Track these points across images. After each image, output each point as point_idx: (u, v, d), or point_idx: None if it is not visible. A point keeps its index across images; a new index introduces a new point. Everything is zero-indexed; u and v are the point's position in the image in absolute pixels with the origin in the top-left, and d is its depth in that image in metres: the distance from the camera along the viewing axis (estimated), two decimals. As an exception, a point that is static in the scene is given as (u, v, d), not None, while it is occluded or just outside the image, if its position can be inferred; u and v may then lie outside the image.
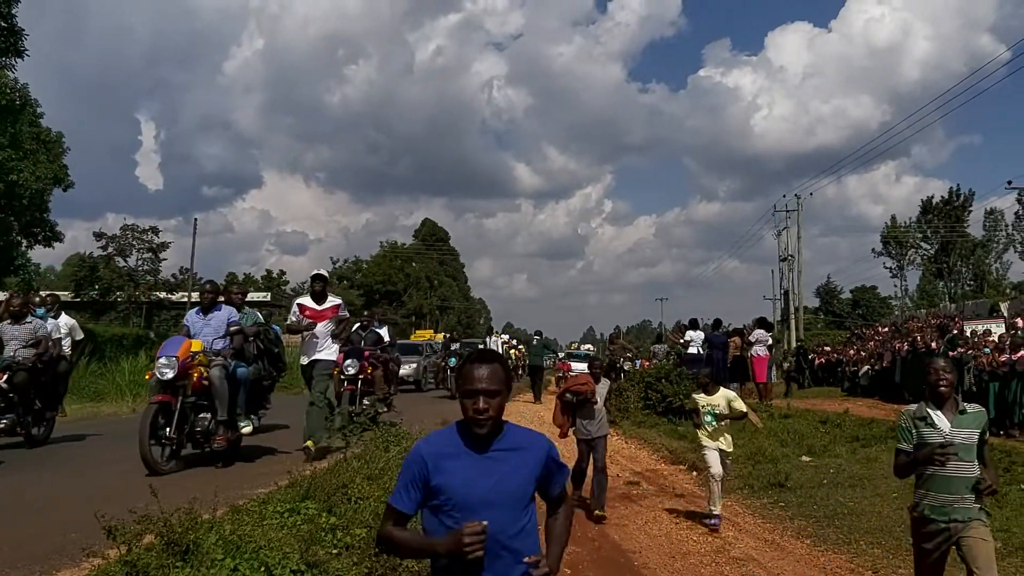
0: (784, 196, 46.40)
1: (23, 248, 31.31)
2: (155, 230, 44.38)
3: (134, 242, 43.40)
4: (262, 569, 3.56)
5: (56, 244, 32.24)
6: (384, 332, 13.05)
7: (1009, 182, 37.31)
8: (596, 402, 8.05)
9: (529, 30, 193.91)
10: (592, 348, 40.46)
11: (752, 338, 17.67)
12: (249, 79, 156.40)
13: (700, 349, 17.75)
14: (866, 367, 21.87)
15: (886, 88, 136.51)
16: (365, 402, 10.93)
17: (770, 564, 6.28)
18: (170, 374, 7.70)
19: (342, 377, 10.94)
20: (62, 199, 42.61)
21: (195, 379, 7.92)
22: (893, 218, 65.60)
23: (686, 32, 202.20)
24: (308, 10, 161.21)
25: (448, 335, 21.90)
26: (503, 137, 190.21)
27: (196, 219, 59.01)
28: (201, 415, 8.11)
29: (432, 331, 48.08)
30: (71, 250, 65.17)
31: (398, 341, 35.87)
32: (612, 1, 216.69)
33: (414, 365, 22.89)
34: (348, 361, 10.91)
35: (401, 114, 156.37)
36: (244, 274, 76.88)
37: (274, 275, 72.71)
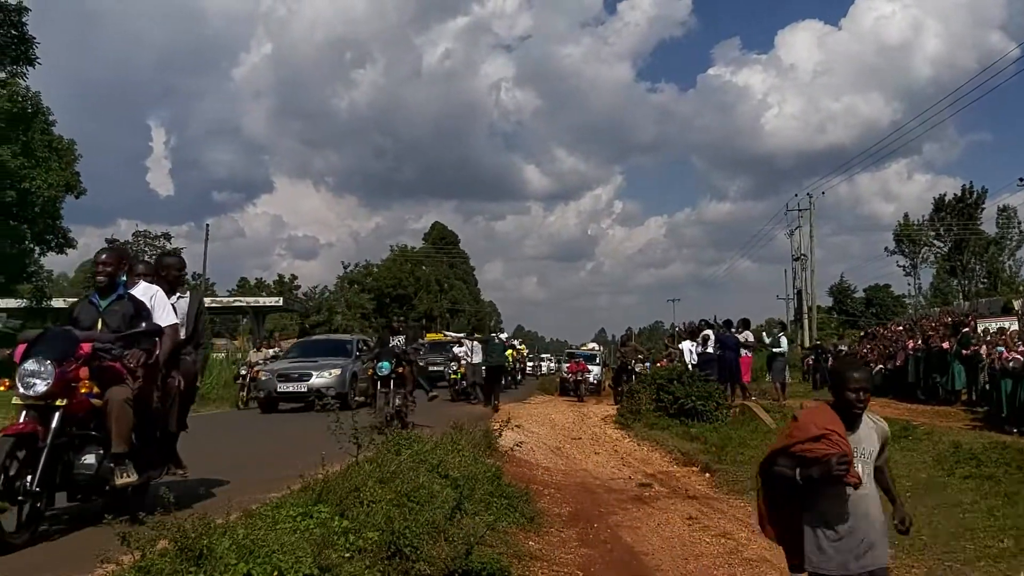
0: (796, 195, 46.35)
1: (36, 255, 31.53)
2: (167, 236, 44.84)
3: (146, 248, 43.68)
4: (275, 573, 3.57)
5: (69, 251, 32.50)
6: (157, 302, 6.06)
7: (1021, 179, 37.23)
8: (858, 481, 3.47)
9: (537, 32, 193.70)
10: (598, 347, 38.64)
11: (742, 338, 17.95)
12: (258, 84, 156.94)
13: (713, 349, 17.73)
14: (879, 366, 21.76)
15: (897, 86, 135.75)
16: (86, 462, 5.25)
17: (783, 565, 6.24)
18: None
19: (17, 400, 5.21)
20: (74, 206, 42.86)
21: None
22: (906, 216, 65.38)
23: (696, 32, 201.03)
24: (315, 14, 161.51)
25: (397, 321, 15.10)
26: (511, 139, 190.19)
27: (208, 224, 59.43)
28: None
29: (443, 333, 48.01)
30: (84, 256, 65.41)
31: (322, 336, 28.27)
32: (621, 2, 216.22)
33: (336, 372, 16.90)
34: (26, 367, 5.17)
35: (409, 117, 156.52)
36: (256, 279, 77.32)
37: (286, 279, 72.91)
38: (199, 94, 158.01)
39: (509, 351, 28.92)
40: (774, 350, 19.00)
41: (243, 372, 18.94)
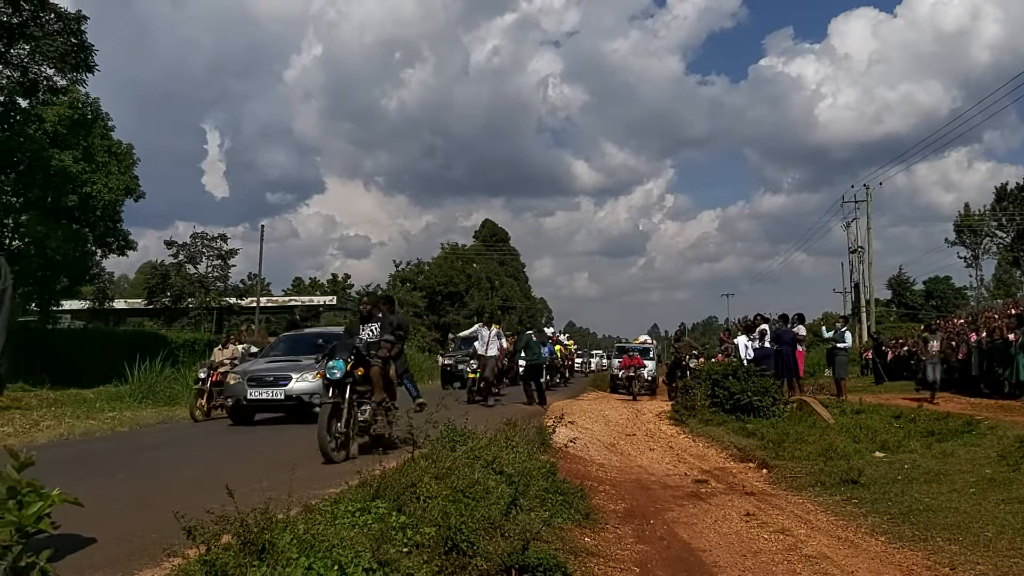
0: (852, 186, 45.66)
1: (98, 257, 32.36)
2: (223, 237, 45.39)
3: (204, 249, 44.43)
4: (335, 567, 3.62)
5: (129, 253, 33.35)
6: None
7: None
8: None
9: (585, 26, 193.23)
10: (651, 341, 36.54)
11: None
12: (308, 86, 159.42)
13: (769, 344, 17.55)
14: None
15: (955, 73, 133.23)
16: None
17: (844, 562, 6.17)
18: None
19: None
20: (134, 209, 43.88)
21: None
22: (966, 206, 64.02)
23: (746, 23, 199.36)
24: (365, 16, 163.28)
25: (364, 304, 11.06)
26: (560, 135, 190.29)
27: (263, 225, 60.37)
28: None
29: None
30: (143, 258, 67.24)
31: (310, 330, 18.08)
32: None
33: (312, 377, 12.76)
34: None
35: (458, 116, 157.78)
36: (310, 278, 78.34)
37: (339, 279, 73.78)
38: (251, 97, 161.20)
39: (556, 347, 28.26)
40: (838, 345, 18.75)
41: (202, 375, 15.09)
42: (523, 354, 18.69)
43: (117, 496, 6.83)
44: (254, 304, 48.40)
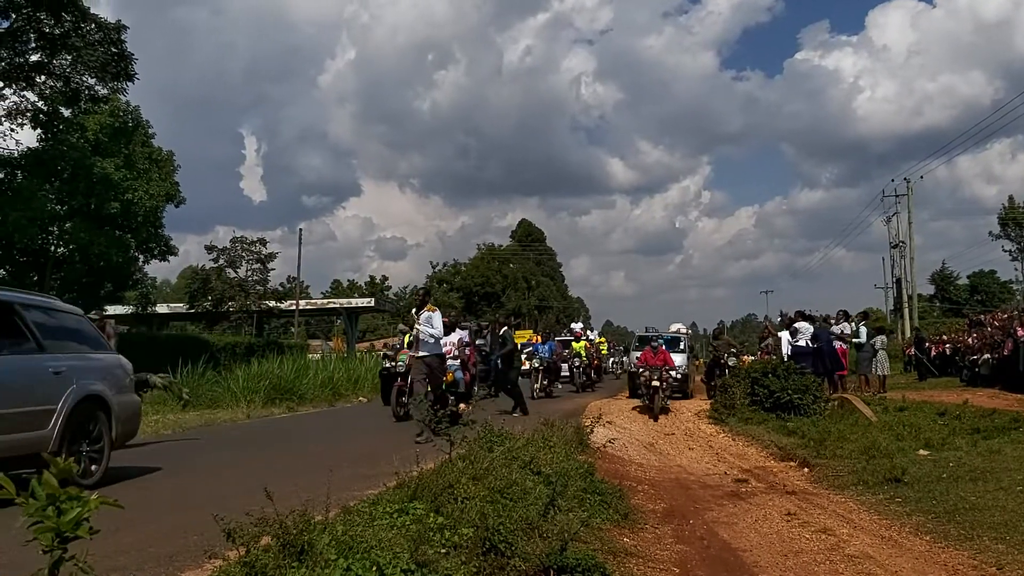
0: (893, 180, 44.98)
1: (140, 263, 32.88)
2: (263, 241, 45.89)
3: (243, 253, 44.91)
4: (374, 568, 3.64)
5: (171, 258, 33.83)
6: None
7: None
8: None
9: (618, 24, 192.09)
10: (685, 329, 32.61)
11: (837, 330, 17.76)
12: (343, 90, 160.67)
13: (808, 342, 17.35)
14: (986, 355, 20.96)
15: (998, 63, 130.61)
16: None
17: (887, 562, 6.08)
18: None
19: None
20: (175, 214, 44.38)
21: None
22: (1010, 198, 62.83)
23: (782, 16, 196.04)
24: (397, 18, 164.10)
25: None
26: (594, 133, 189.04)
27: (301, 229, 60.97)
28: None
29: (532, 331, 47.90)
30: (184, 263, 68.16)
31: None
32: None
33: None
34: None
35: (491, 116, 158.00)
36: (348, 280, 78.97)
37: (377, 281, 74.33)
38: (287, 102, 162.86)
39: (578, 344, 26.98)
40: (854, 340, 18.63)
41: None
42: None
43: (158, 498, 6.93)
44: (293, 307, 48.87)
